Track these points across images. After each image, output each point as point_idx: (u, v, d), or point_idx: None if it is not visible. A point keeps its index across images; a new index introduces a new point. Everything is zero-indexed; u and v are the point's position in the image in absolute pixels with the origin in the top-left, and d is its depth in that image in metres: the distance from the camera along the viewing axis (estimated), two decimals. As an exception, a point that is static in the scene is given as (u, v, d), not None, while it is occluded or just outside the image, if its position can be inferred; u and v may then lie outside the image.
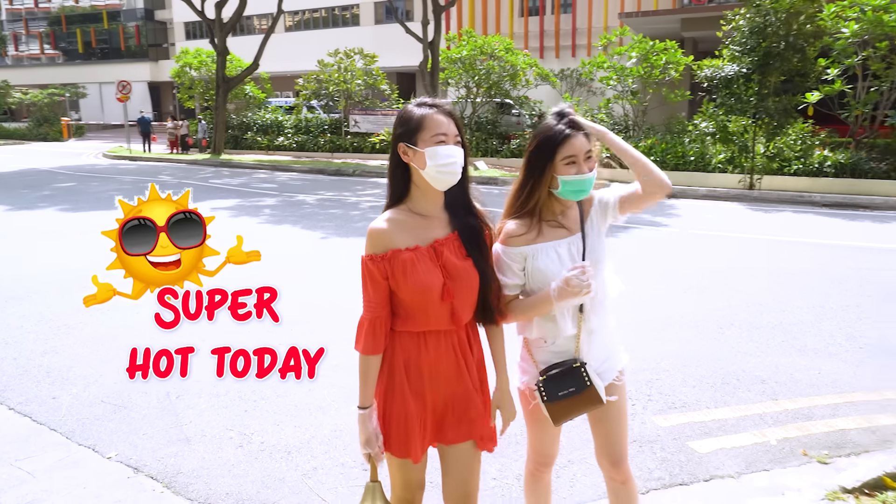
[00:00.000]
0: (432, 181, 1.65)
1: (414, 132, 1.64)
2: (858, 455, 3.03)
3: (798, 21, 11.99)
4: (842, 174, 11.84)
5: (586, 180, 1.80)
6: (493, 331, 1.87)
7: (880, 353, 4.31)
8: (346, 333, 5.16)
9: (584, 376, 1.83)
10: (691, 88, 15.93)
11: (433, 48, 16.29)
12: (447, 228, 1.72)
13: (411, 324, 1.70)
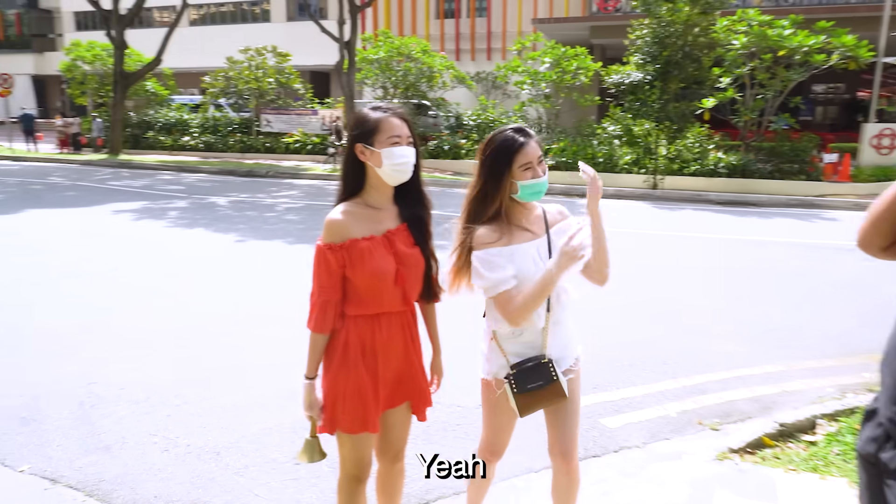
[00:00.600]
0: (387, 178, 1.87)
1: (370, 134, 1.84)
2: (744, 421, 3.47)
3: (694, 33, 13.10)
4: (734, 174, 13.05)
5: (542, 183, 1.98)
6: (430, 308, 2.14)
7: (764, 332, 4.90)
8: (268, 336, 5.17)
9: (552, 372, 1.99)
10: (600, 93, 16.92)
11: (350, 48, 16.29)
12: (397, 220, 1.94)
13: (365, 307, 1.89)
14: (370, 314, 1.90)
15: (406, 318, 1.98)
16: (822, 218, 10.47)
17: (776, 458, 3.08)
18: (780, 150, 13.37)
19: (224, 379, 3.96)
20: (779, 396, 3.78)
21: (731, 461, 3.03)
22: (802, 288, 6.12)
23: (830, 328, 4.95)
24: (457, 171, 15.98)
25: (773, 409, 3.61)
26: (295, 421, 3.40)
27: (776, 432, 3.26)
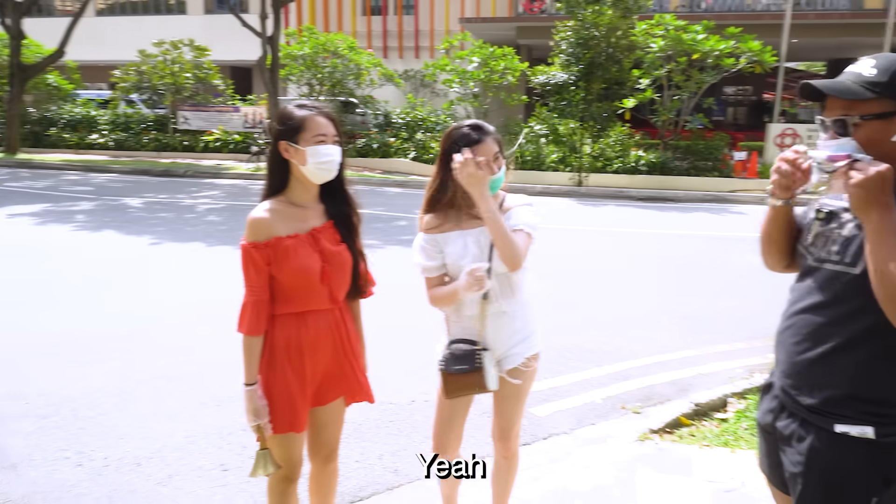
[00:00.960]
0: (312, 176, 1.87)
1: (295, 132, 1.84)
2: (663, 403, 3.69)
3: (616, 35, 13.70)
4: (653, 172, 13.74)
5: (496, 180, 2.04)
6: (356, 305, 2.14)
7: (681, 319, 5.21)
8: (190, 340, 5.00)
9: (477, 359, 2.02)
10: (527, 93, 17.36)
11: (273, 43, 15.88)
12: (323, 217, 1.95)
13: (291, 305, 1.88)
14: (296, 312, 1.89)
15: (335, 316, 1.98)
16: (732, 212, 11.22)
17: (692, 435, 3.30)
18: (695, 149, 14.22)
19: (143, 387, 3.79)
20: (694, 379, 4.04)
21: (652, 441, 3.22)
22: (716, 278, 6.55)
23: (741, 314, 5.33)
24: (386, 170, 15.93)
25: (689, 391, 3.85)
26: (222, 426, 3.31)
27: (692, 412, 3.50)
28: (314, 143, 1.83)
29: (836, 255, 1.41)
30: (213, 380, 3.85)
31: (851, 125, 1.34)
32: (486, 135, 2.03)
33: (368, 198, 11.81)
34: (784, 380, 1.53)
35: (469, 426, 2.35)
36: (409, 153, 16.07)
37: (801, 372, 1.47)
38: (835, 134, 1.36)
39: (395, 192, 13.03)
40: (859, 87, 1.34)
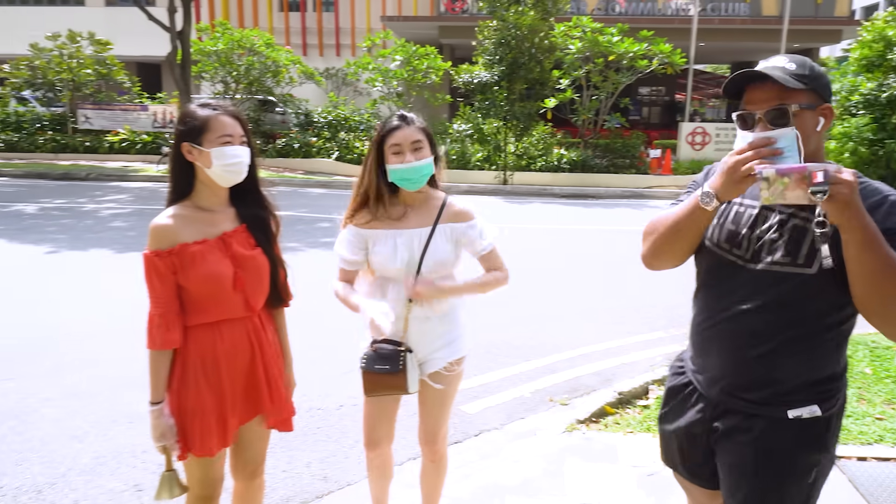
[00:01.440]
0: (218, 179, 1.79)
1: (198, 133, 1.76)
2: (589, 394, 3.82)
3: (538, 36, 14.07)
4: (575, 169, 14.23)
5: (411, 168, 1.97)
6: (279, 314, 2.05)
7: (605, 311, 5.42)
8: (94, 355, 4.71)
9: (401, 361, 2.00)
10: (451, 92, 17.51)
11: (183, 38, 15.17)
12: (235, 221, 1.86)
13: (203, 315, 1.79)
14: (209, 323, 1.80)
15: (252, 324, 1.88)
16: (650, 207, 11.79)
17: (616, 423, 3.43)
18: (613, 147, 14.85)
19: (45, 407, 3.52)
20: (618, 369, 4.21)
21: (579, 431, 3.33)
22: (636, 271, 6.85)
23: (660, 304, 5.61)
24: (308, 171, 15.61)
25: (613, 381, 4.01)
26: (135, 444, 3.13)
27: (616, 401, 3.64)
28: (219, 144, 1.75)
29: (783, 257, 1.40)
30: (124, 395, 3.63)
31: (792, 114, 1.33)
32: (409, 123, 2.01)
33: (290, 199, 11.53)
34: (722, 381, 1.54)
35: (400, 427, 2.34)
36: (332, 153, 15.83)
37: (749, 371, 1.49)
38: (766, 125, 1.35)
39: (319, 193, 12.79)
40: (791, 78, 1.35)
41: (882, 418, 3.37)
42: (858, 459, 2.99)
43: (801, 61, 1.40)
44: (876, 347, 4.40)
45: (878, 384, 3.80)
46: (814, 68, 1.40)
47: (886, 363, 4.11)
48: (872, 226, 1.26)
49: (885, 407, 3.51)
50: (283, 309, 2.04)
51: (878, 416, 3.38)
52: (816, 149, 1.40)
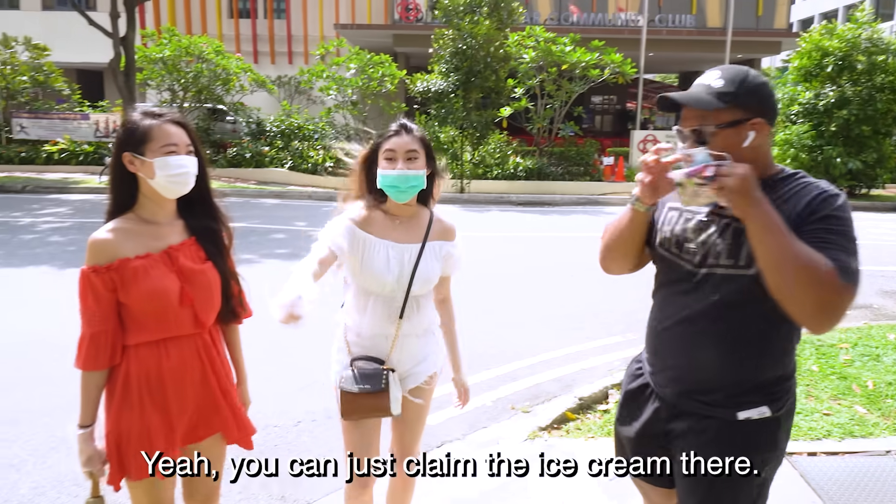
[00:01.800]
0: (163, 190, 1.71)
1: (141, 142, 1.68)
2: (550, 401, 3.85)
3: (492, 45, 14.25)
4: (531, 177, 14.43)
5: (399, 176, 1.90)
6: (232, 331, 1.97)
7: (564, 317, 5.49)
8: (31, 378, 4.48)
9: (384, 381, 1.93)
10: (406, 101, 17.54)
11: (126, 45, 14.73)
12: (183, 234, 1.79)
13: (147, 333, 1.71)
14: (154, 341, 1.72)
15: (202, 341, 1.80)
16: (605, 213, 12.05)
17: (578, 429, 3.47)
18: (568, 155, 15.14)
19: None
20: (578, 374, 4.26)
21: (541, 438, 3.35)
22: (593, 276, 6.98)
23: (618, 309, 5.72)
24: (261, 181, 15.34)
25: (573, 387, 4.05)
26: (76, 472, 2.96)
27: (577, 406, 3.68)
28: (163, 154, 1.68)
29: (727, 260, 1.45)
30: (62, 420, 3.45)
31: (708, 134, 1.43)
32: (408, 132, 1.96)
33: (243, 210, 11.29)
34: (676, 383, 1.59)
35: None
36: (286, 162, 15.60)
37: (700, 372, 1.54)
38: (694, 143, 1.44)
39: (272, 204, 12.57)
40: (712, 98, 1.43)
41: (829, 413, 3.51)
42: (809, 455, 3.10)
43: (732, 77, 1.44)
44: (821, 346, 4.59)
45: (824, 381, 3.95)
46: (745, 82, 1.43)
47: (832, 360, 4.30)
48: (771, 215, 1.32)
49: (831, 403, 3.65)
50: (236, 325, 1.97)
51: (825, 412, 3.52)
52: (752, 161, 1.40)
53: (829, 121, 14.48)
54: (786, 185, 1.46)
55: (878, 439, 3.25)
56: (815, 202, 1.40)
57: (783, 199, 1.43)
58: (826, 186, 1.44)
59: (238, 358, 1.99)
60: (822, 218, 1.37)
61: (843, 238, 1.35)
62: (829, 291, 1.29)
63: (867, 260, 8.70)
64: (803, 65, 15.21)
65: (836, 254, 1.32)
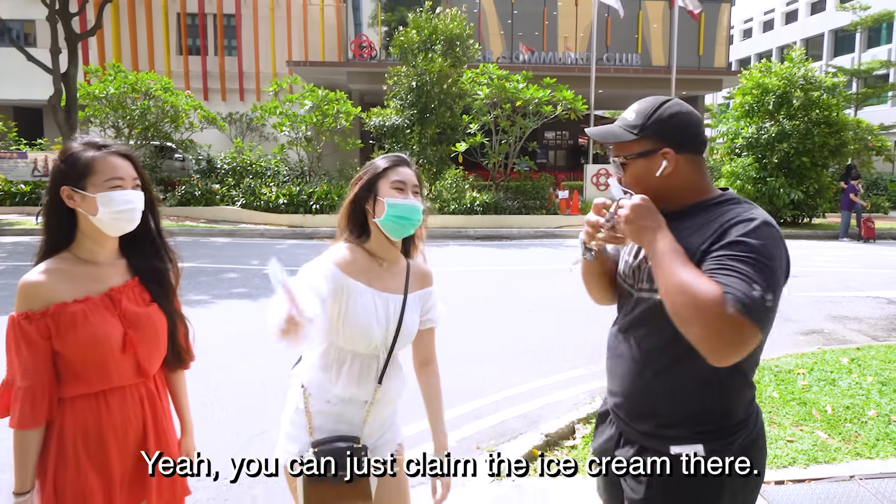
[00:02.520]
0: (105, 228, 1.60)
1: (82, 176, 1.57)
2: (516, 438, 3.77)
3: (447, 82, 14.51)
4: (488, 212, 14.57)
5: (413, 207, 1.73)
6: (178, 376, 1.85)
7: (526, 352, 5.44)
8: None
9: (363, 463, 1.67)
10: (361, 137, 17.59)
11: (68, 81, 14.35)
12: (126, 275, 1.67)
13: (85, 385, 1.56)
14: (92, 393, 1.57)
15: (147, 389, 1.68)
16: (563, 246, 12.23)
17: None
18: (524, 189, 15.40)
19: None
20: (543, 409, 4.20)
21: (509, 479, 3.25)
22: (554, 308, 7.00)
23: (579, 341, 5.72)
24: (211, 219, 14.99)
25: (539, 423, 3.99)
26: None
27: (543, 443, 3.61)
28: (107, 189, 1.57)
29: (647, 284, 1.50)
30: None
31: (620, 165, 1.52)
32: (409, 165, 1.83)
33: (192, 249, 10.96)
34: (619, 409, 1.60)
35: None
36: (238, 200, 15.32)
37: (634, 398, 1.54)
38: (620, 172, 1.53)
39: (223, 243, 12.26)
40: (622, 131, 1.50)
41: (793, 440, 3.54)
42: (776, 483, 3.11)
43: (644, 110, 1.49)
44: (779, 371, 4.68)
45: (785, 407, 4.01)
46: (654, 114, 1.47)
47: (790, 386, 4.37)
48: (659, 243, 1.36)
49: (794, 429, 3.69)
50: (182, 371, 1.85)
51: (789, 439, 3.55)
52: (668, 189, 1.47)
53: (770, 153, 15.23)
54: (711, 210, 1.45)
55: (841, 464, 3.28)
56: (725, 227, 1.37)
57: (702, 224, 1.42)
58: (745, 211, 1.40)
59: (183, 406, 1.86)
60: (727, 244, 1.33)
61: (746, 265, 1.29)
62: (713, 321, 1.23)
63: (814, 287, 9.01)
64: (745, 101, 16.04)
65: (732, 281, 1.26)
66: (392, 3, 23.54)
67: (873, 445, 3.48)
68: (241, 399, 4.24)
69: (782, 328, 6.38)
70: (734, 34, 45.90)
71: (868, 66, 30.65)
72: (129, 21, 24.63)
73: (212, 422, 3.90)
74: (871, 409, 3.98)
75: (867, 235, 13.86)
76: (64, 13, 13.68)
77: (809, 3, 41.24)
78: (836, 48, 38.69)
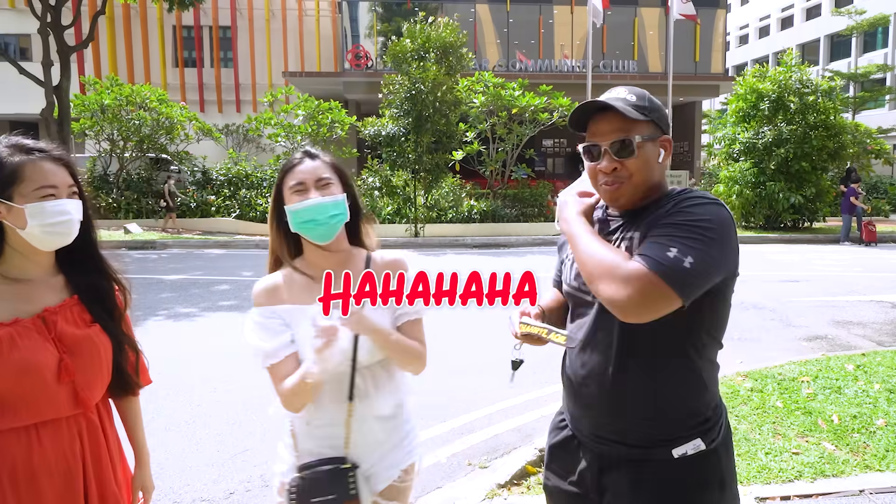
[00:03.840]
0: (37, 242, 1.43)
1: (7, 184, 1.39)
2: (509, 453, 3.61)
3: (442, 90, 14.45)
4: (486, 220, 14.46)
5: (316, 206, 1.56)
6: (129, 403, 1.67)
7: (521, 363, 5.29)
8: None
9: (350, 483, 1.55)
10: (358, 146, 17.52)
11: (60, 94, 14.30)
12: (63, 293, 1.50)
13: (13, 418, 1.38)
14: (23, 427, 1.40)
15: (88, 421, 1.49)
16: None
17: (539, 483, 3.22)
18: (521, 197, 15.29)
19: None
20: (537, 422, 4.04)
21: (501, 497, 3.10)
22: (550, 318, 6.85)
23: (575, 351, 5.57)
24: (206, 231, 14.88)
25: (533, 436, 3.83)
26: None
27: (538, 459, 3.44)
28: (37, 199, 1.40)
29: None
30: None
31: (637, 145, 1.36)
32: (314, 158, 1.64)
33: (185, 262, 10.82)
34: (600, 428, 1.46)
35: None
36: (233, 211, 15.22)
37: (619, 410, 1.41)
38: (612, 156, 1.37)
39: (217, 255, 12.13)
40: (632, 110, 1.37)
41: (798, 452, 3.38)
42: (782, 499, 2.95)
43: (641, 93, 1.43)
44: (783, 379, 4.53)
45: (789, 417, 3.85)
46: (652, 100, 1.42)
47: (794, 395, 4.22)
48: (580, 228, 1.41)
49: (799, 440, 3.54)
50: (134, 397, 1.67)
51: (794, 451, 3.40)
52: (660, 178, 1.43)
53: (768, 158, 15.14)
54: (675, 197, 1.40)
55: (850, 478, 3.13)
56: (678, 201, 1.35)
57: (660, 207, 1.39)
58: (703, 194, 1.39)
59: (137, 436, 1.69)
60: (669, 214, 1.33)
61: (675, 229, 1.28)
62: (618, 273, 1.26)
63: (817, 291, 8.88)
64: (740, 106, 15.97)
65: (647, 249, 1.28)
66: (388, 14, 23.56)
67: (883, 457, 3.32)
68: (225, 415, 4.08)
69: (785, 334, 6.23)
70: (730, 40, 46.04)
71: (865, 70, 30.68)
72: (124, 34, 24.67)
73: (192, 439, 3.75)
74: (880, 417, 3.82)
75: (868, 239, 13.74)
76: (56, 26, 13.64)
77: (805, 9, 41.36)
78: (833, 53, 38.75)
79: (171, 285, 8.55)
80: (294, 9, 25.24)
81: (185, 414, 4.09)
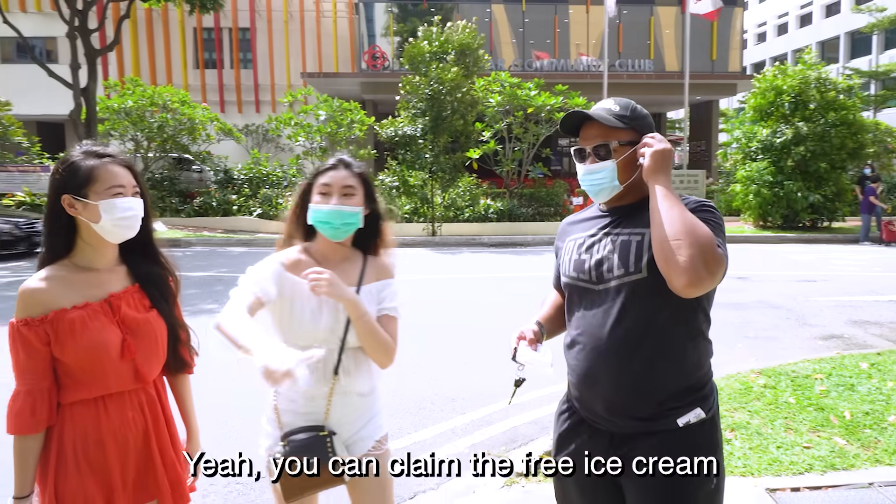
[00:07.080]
0: (108, 235, 1.63)
1: (84, 184, 1.59)
2: (526, 444, 3.73)
3: (460, 90, 14.58)
4: (502, 219, 14.55)
5: (332, 212, 1.77)
6: (181, 381, 1.86)
7: (538, 359, 5.40)
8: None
9: (329, 448, 1.72)
10: (376, 146, 17.70)
11: (87, 96, 14.64)
12: (126, 281, 1.69)
13: (84, 391, 1.58)
14: (91, 398, 1.59)
15: (148, 395, 1.68)
16: (577, 253, 12.16)
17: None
18: (538, 196, 15.36)
19: None
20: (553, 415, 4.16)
21: (519, 485, 3.22)
22: (566, 315, 6.95)
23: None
24: (229, 229, 15.15)
25: (550, 428, 3.94)
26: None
27: (555, 449, 3.56)
28: (109, 196, 1.59)
29: (619, 269, 1.56)
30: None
31: (613, 149, 1.60)
32: (346, 166, 1.85)
33: (209, 259, 11.06)
34: (610, 407, 1.59)
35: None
36: (254, 210, 15.48)
37: (627, 388, 1.55)
38: (595, 159, 1.60)
39: (239, 252, 12.37)
40: (612, 118, 1.61)
41: (809, 446, 3.47)
42: (792, 490, 3.04)
43: (625, 104, 1.64)
44: (797, 377, 4.59)
45: (802, 413, 3.93)
46: (635, 110, 1.63)
47: (808, 391, 4.29)
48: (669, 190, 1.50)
49: (811, 435, 3.62)
50: (186, 375, 1.86)
51: (805, 445, 3.48)
52: (638, 180, 1.60)
53: (786, 157, 15.03)
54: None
55: (860, 471, 3.20)
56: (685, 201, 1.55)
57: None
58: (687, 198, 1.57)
59: (188, 410, 1.87)
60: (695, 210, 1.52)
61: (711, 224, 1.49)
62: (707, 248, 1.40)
63: (835, 291, 8.85)
64: (759, 104, 15.88)
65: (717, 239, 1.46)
66: (404, 14, 23.72)
67: (894, 452, 3.39)
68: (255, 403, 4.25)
69: (801, 333, 6.27)
70: (748, 38, 45.55)
71: (886, 68, 30.22)
72: (146, 36, 25.11)
73: (227, 427, 3.92)
74: (892, 414, 3.89)
75: (889, 239, 13.62)
76: (83, 29, 13.98)
77: (824, 6, 40.79)
78: (853, 50, 38.19)
79: (197, 282, 8.77)
80: (311, 10, 25.51)
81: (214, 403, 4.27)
